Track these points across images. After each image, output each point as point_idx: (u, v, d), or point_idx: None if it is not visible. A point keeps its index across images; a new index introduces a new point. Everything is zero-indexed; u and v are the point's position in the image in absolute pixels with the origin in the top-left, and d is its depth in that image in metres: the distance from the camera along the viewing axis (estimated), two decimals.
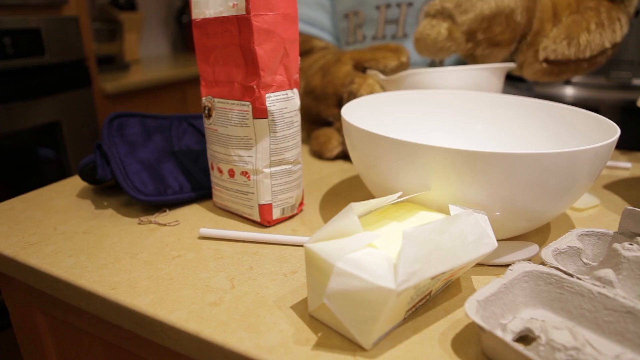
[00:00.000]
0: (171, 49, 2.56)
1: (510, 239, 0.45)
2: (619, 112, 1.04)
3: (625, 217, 0.38)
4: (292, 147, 0.47)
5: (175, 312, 0.35)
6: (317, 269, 0.31)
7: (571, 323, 0.33)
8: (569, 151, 0.35)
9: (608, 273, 0.34)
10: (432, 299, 0.37)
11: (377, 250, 0.30)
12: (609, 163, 0.67)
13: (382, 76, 0.65)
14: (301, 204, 0.52)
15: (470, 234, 0.33)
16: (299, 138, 0.48)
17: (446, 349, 0.31)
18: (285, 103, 0.45)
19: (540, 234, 0.47)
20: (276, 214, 0.48)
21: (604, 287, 0.33)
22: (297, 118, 0.47)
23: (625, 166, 0.66)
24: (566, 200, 0.39)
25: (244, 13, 0.42)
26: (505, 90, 0.92)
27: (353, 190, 0.58)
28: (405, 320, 0.34)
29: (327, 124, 0.73)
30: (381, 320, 0.29)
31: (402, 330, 0.33)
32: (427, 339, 0.32)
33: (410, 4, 0.77)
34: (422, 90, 0.60)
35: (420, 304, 0.34)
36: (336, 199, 0.56)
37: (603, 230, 0.40)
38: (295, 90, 0.47)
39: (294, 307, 0.36)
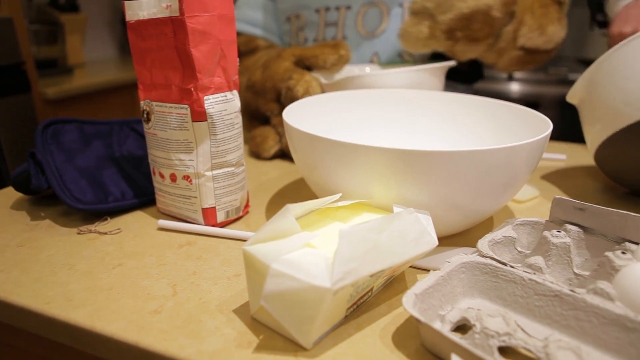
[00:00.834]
0: (118, 52, 2.48)
1: (454, 235, 0.47)
2: (557, 106, 1.09)
3: (554, 205, 0.40)
4: (234, 150, 0.47)
5: (114, 322, 0.34)
6: (255, 271, 0.31)
7: (505, 310, 0.35)
8: (506, 147, 0.36)
9: (538, 260, 0.36)
10: (375, 296, 0.37)
11: (315, 250, 0.31)
12: (547, 155, 0.70)
13: (324, 80, 0.66)
14: (247, 206, 0.51)
15: (410, 233, 0.34)
16: (240, 140, 0.48)
17: (387, 343, 0.32)
18: (224, 105, 0.45)
19: (483, 228, 0.48)
20: (220, 217, 0.47)
21: (534, 273, 0.34)
22: (238, 120, 0.47)
23: (561, 158, 0.69)
24: (506, 194, 0.40)
25: (178, 14, 0.41)
26: (446, 90, 0.94)
27: (300, 191, 0.58)
28: (347, 318, 0.34)
29: (266, 119, 0.73)
30: (320, 320, 0.29)
31: (344, 328, 0.33)
32: (368, 334, 0.33)
33: (348, 7, 0.78)
34: (367, 90, 0.60)
35: (361, 301, 0.34)
36: (282, 200, 0.55)
37: (536, 219, 0.41)
38: (235, 92, 0.46)
39: (236, 311, 0.35)
